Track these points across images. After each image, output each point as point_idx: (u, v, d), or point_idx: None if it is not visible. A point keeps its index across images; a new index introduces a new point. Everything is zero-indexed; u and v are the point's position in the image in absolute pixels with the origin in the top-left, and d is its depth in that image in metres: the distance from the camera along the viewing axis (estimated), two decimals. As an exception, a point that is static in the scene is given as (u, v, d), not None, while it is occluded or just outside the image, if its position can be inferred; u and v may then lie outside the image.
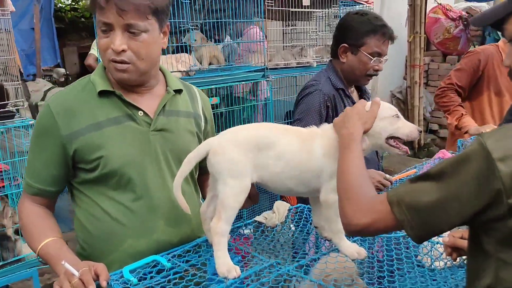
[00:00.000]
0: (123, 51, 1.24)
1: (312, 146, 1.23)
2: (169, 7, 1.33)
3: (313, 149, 1.23)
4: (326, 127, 1.30)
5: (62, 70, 6.17)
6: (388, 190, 1.95)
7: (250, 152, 1.18)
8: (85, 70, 7.53)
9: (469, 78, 2.98)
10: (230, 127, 3.34)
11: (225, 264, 1.15)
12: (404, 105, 6.62)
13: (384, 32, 2.00)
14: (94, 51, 4.68)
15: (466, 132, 2.83)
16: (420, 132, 1.34)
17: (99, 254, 1.34)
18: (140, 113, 1.35)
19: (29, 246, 1.35)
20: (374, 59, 2.01)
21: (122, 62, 1.26)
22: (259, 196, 1.34)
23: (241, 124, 3.43)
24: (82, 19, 7.85)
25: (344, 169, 1.11)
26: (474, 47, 6.99)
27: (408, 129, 1.29)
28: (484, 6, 7.11)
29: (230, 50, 3.91)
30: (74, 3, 7.90)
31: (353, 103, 2.09)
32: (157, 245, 1.35)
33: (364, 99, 2.16)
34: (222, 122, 3.29)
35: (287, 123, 3.68)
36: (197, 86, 2.74)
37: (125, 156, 1.32)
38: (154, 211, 1.35)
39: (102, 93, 1.32)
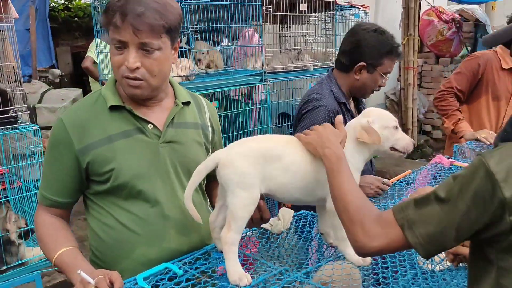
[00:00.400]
0: (137, 68, 1.28)
1: (316, 157, 1.28)
2: (181, 24, 1.37)
3: (317, 160, 1.27)
4: None
5: (57, 71, 6.15)
6: (385, 193, 2.03)
7: (257, 164, 1.22)
8: (78, 70, 7.52)
9: (468, 82, 3.04)
10: (227, 130, 3.36)
11: (236, 272, 1.19)
12: (398, 107, 6.69)
13: (399, 53, 2.03)
14: (91, 53, 4.69)
15: (462, 137, 2.89)
16: (414, 145, 1.42)
17: (111, 261, 1.38)
18: (150, 126, 1.39)
19: (45, 255, 1.39)
20: (386, 77, 2.05)
21: (135, 78, 1.30)
22: (269, 213, 1.38)
23: (237, 127, 3.45)
24: (76, 19, 7.81)
25: (340, 193, 1.13)
26: (467, 49, 7.10)
27: (405, 141, 1.39)
28: (476, 8, 7.22)
29: (228, 53, 3.95)
30: (67, 3, 7.86)
31: (352, 116, 2.08)
32: (167, 253, 1.39)
33: (360, 108, 2.23)
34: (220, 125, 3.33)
35: (279, 127, 3.76)
36: (197, 91, 2.80)
37: (135, 168, 1.36)
38: (164, 220, 1.40)
39: (113, 108, 1.36)
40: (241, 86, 3.39)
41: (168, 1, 1.30)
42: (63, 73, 6.69)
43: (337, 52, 4.06)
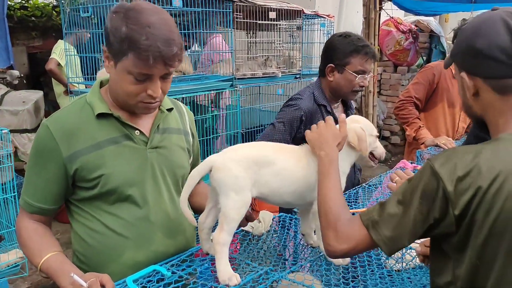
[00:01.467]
0: None
1: (307, 163, 1.36)
2: None
3: (308, 166, 1.35)
4: None
5: (16, 72, 5.94)
6: (356, 196, 2.14)
7: (249, 169, 1.28)
8: (35, 71, 7.27)
9: (425, 91, 3.24)
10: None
11: (226, 272, 1.24)
12: (359, 113, 6.92)
13: (367, 52, 2.17)
14: (55, 55, 4.60)
15: (422, 143, 3.07)
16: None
17: (98, 266, 1.39)
18: (137, 132, 1.41)
19: (30, 261, 1.39)
20: (359, 76, 2.18)
21: (154, 102, 1.34)
22: (253, 216, 1.44)
23: (205, 133, 3.48)
24: (32, 18, 7.57)
25: (324, 198, 1.22)
26: (422, 59, 7.44)
27: (381, 150, 1.53)
28: (431, 20, 7.59)
29: (197, 58, 3.99)
30: (24, 2, 7.62)
31: (335, 119, 2.22)
32: (155, 256, 1.41)
33: (348, 114, 2.34)
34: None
35: (253, 131, 3.83)
36: (168, 95, 2.80)
37: (124, 174, 1.38)
38: (152, 224, 1.42)
39: (100, 115, 1.37)
40: (212, 91, 3.43)
41: (173, 24, 1.30)
42: (22, 75, 6.48)
43: (302, 60, 4.21)
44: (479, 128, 1.21)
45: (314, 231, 1.51)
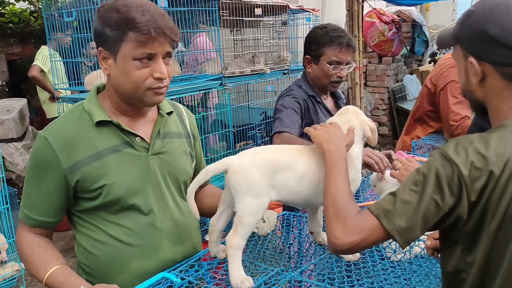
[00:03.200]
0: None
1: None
2: None
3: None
4: None
5: (-3, 81, 5.83)
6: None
7: (268, 174, 1.25)
8: (15, 78, 7.13)
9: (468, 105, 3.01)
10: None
11: (239, 276, 1.22)
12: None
13: (340, 42, 2.16)
14: (38, 61, 4.51)
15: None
16: None
17: (105, 277, 1.36)
18: (138, 139, 1.38)
19: (34, 276, 1.34)
20: (332, 67, 2.18)
21: (163, 86, 1.31)
22: None
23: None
24: (10, 25, 7.42)
25: (332, 188, 1.18)
26: (406, 48, 7.50)
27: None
28: (413, 10, 7.65)
29: (182, 59, 3.94)
30: (0, 8, 7.46)
31: (325, 108, 2.29)
32: (163, 264, 1.39)
33: (339, 104, 2.35)
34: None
35: (238, 130, 3.81)
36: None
37: (127, 183, 1.34)
38: (158, 232, 1.39)
39: (99, 123, 1.34)
40: (202, 91, 3.39)
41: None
42: (3, 83, 6.35)
43: (291, 55, 4.19)
44: (478, 114, 1.20)
45: (323, 229, 1.49)
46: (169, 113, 1.49)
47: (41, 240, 1.38)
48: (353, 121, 1.41)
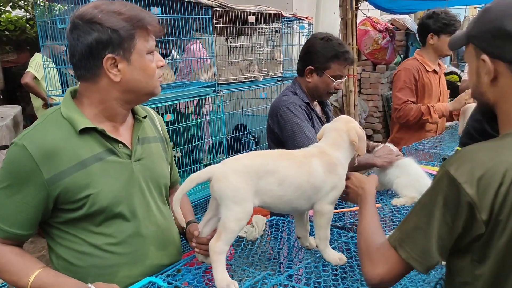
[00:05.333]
0: None
1: (311, 166, 1.34)
2: None
3: (314, 169, 1.34)
4: (319, 145, 1.42)
5: (-9, 88, 5.82)
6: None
7: (250, 180, 1.26)
8: (9, 85, 7.12)
9: (414, 92, 3.22)
10: (179, 143, 3.35)
11: (224, 280, 1.22)
12: (341, 113, 6.96)
13: (346, 58, 2.20)
14: (31, 69, 4.51)
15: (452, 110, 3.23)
16: None
17: None
18: (120, 145, 1.36)
19: (14, 285, 1.28)
20: (337, 81, 2.21)
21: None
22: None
23: (189, 141, 3.45)
24: (6, 32, 7.44)
25: (364, 226, 1.24)
26: (400, 56, 7.54)
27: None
28: (406, 18, 7.71)
29: (175, 66, 3.95)
30: (-4, 16, 7.48)
31: (317, 116, 2.31)
32: (150, 269, 1.39)
33: (326, 111, 2.37)
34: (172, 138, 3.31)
35: (235, 136, 3.82)
36: (152, 104, 2.78)
37: (113, 192, 1.32)
38: (144, 239, 1.39)
39: (82, 130, 1.29)
40: (196, 98, 3.40)
41: None
42: (1, 89, 6.35)
43: (285, 63, 4.22)
44: (485, 119, 1.18)
45: (310, 233, 1.50)
46: (145, 117, 1.48)
47: (14, 249, 1.31)
48: (341, 127, 1.43)
